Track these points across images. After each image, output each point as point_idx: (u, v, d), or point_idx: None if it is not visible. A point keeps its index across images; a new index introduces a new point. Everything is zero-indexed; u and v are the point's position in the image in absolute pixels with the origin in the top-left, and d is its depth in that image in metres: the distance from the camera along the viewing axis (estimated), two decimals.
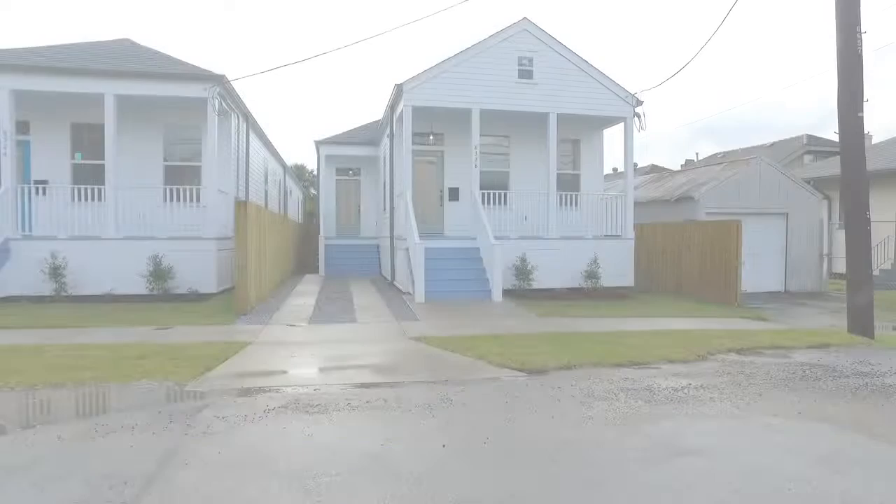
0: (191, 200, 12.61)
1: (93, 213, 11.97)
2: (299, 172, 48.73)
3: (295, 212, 33.31)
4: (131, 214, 12.31)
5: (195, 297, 11.78)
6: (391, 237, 15.65)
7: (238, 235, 10.16)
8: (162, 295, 11.63)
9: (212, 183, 12.52)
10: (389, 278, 15.84)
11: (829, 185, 19.22)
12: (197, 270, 12.17)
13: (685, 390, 5.40)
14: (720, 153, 40.16)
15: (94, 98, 11.80)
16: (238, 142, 15.17)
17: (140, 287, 11.62)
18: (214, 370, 6.07)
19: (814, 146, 31.40)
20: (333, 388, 5.46)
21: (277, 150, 22.93)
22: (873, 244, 15.90)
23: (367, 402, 4.93)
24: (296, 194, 34.39)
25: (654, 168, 41.32)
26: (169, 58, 13.13)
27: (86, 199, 12.02)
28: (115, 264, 11.69)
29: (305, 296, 13.09)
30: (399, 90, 13.40)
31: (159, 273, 11.59)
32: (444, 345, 7.53)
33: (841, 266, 17.85)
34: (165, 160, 13.94)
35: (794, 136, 33.48)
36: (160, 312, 10.01)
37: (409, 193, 13.27)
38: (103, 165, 11.96)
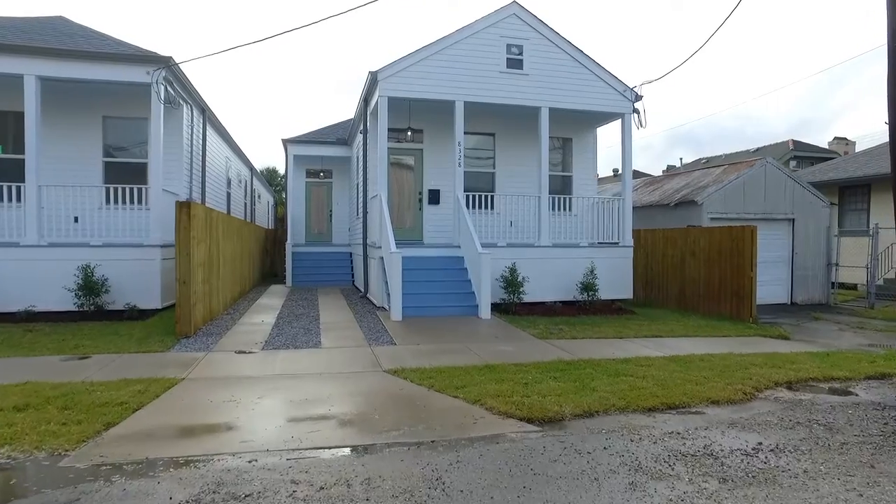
0: (134, 202, 10.89)
1: (11, 216, 10.18)
2: (271, 177, 46.80)
3: (265, 217, 31.53)
4: (61, 217, 10.51)
5: (134, 315, 10.05)
6: (364, 245, 14.08)
7: (179, 243, 8.50)
8: (94, 312, 9.87)
9: (156, 182, 10.80)
10: (363, 290, 14.25)
11: (824, 191, 18.24)
12: (138, 282, 10.42)
13: (762, 456, 3.97)
14: (703, 159, 39.46)
15: (17, 81, 10.04)
16: (192, 136, 13.46)
17: (67, 303, 9.84)
18: (116, 427, 4.45)
19: (800, 152, 30.73)
20: (276, 458, 3.90)
21: (245, 151, 21.21)
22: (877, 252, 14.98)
23: (322, 488, 3.38)
24: (265, 198, 32.60)
25: (635, 174, 40.43)
26: (107, 37, 11.40)
27: (4, 199, 10.22)
28: (37, 276, 9.88)
29: (266, 311, 11.44)
30: (373, 79, 11.88)
31: (90, 286, 9.82)
32: (427, 380, 6.02)
33: (844, 276, 16.91)
34: (106, 156, 12.17)
35: (779, 141, 32.83)
36: (83, 335, 8.29)
37: (384, 195, 11.73)
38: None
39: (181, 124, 12.64)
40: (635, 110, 13.20)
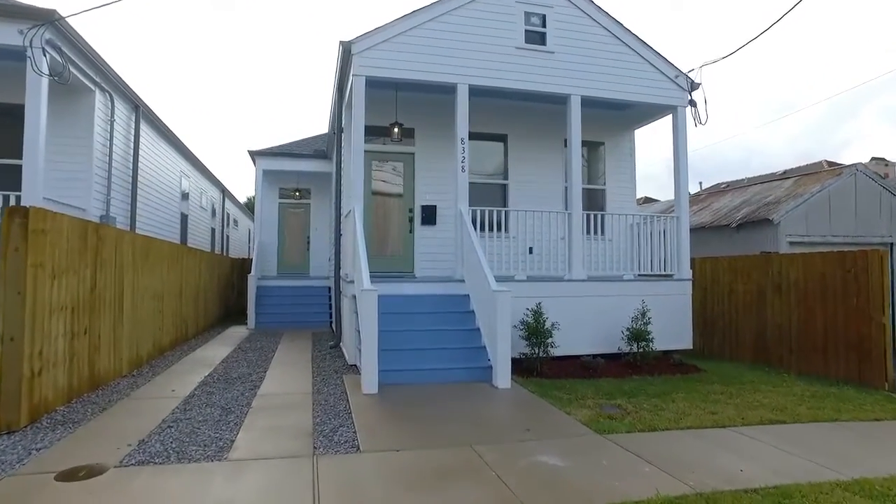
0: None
1: None
2: (253, 205, 43.70)
3: (244, 245, 28.36)
4: None
5: None
6: (336, 278, 10.78)
7: (5, 275, 5.19)
8: None
9: (34, 187, 7.59)
10: (337, 337, 10.90)
11: None
12: None
13: None
14: (722, 183, 36.50)
15: None
16: (111, 135, 10.27)
17: None
18: None
19: None
20: None
21: (217, 171, 18.12)
22: None
23: None
24: (245, 225, 29.44)
25: (646, 200, 37.32)
26: None
27: None
28: None
29: (193, 371, 8.07)
30: (346, 53, 8.76)
31: None
32: None
33: None
34: None
35: (811, 161, 29.89)
36: None
37: (358, 210, 8.48)
38: None
39: (91, 115, 9.52)
40: (692, 102, 10.11)
